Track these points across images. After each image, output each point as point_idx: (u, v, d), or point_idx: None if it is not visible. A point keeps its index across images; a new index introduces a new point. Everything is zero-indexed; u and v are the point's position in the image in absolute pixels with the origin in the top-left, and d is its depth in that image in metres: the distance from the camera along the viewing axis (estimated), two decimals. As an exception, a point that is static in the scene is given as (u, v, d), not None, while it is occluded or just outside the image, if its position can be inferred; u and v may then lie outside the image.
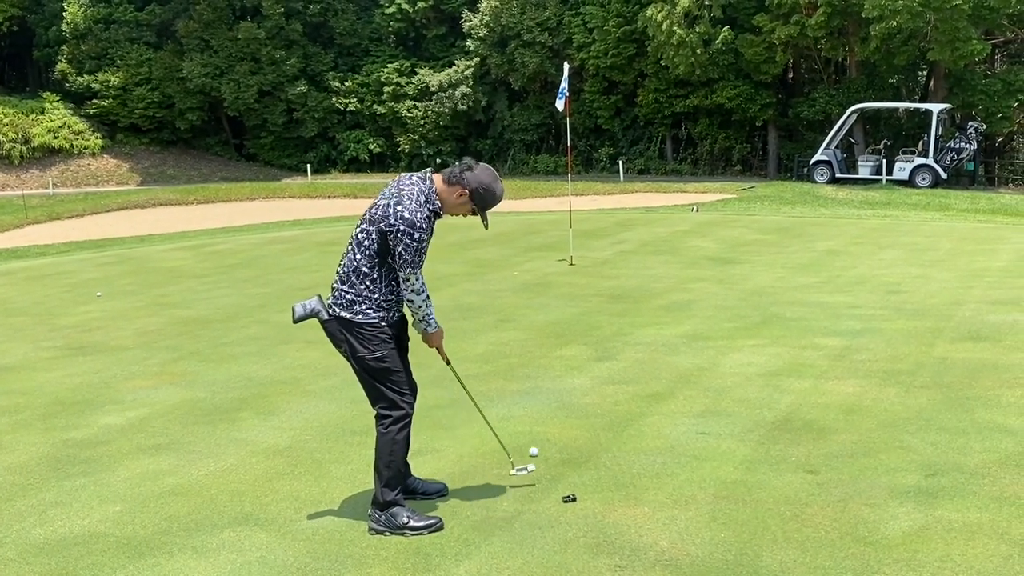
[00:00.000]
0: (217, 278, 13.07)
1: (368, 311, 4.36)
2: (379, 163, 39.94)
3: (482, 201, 4.40)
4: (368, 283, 4.35)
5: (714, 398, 6.56)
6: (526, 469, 5.14)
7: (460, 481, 5.11)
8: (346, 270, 4.40)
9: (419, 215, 4.25)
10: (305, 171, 38.33)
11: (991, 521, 4.45)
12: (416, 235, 4.23)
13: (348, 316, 4.36)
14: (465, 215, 4.48)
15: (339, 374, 7.28)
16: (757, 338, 8.40)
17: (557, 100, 14.09)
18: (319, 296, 4.52)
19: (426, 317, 4.48)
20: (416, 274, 4.32)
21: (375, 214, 4.33)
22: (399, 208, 4.25)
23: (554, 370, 7.45)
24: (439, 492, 4.91)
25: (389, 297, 4.40)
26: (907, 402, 6.34)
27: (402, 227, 4.23)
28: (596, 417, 6.19)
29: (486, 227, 4.51)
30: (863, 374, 7.07)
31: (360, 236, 4.37)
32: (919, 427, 5.82)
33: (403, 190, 4.32)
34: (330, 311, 4.42)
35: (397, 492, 4.53)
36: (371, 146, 39.78)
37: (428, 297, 4.46)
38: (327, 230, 18.85)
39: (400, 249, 4.25)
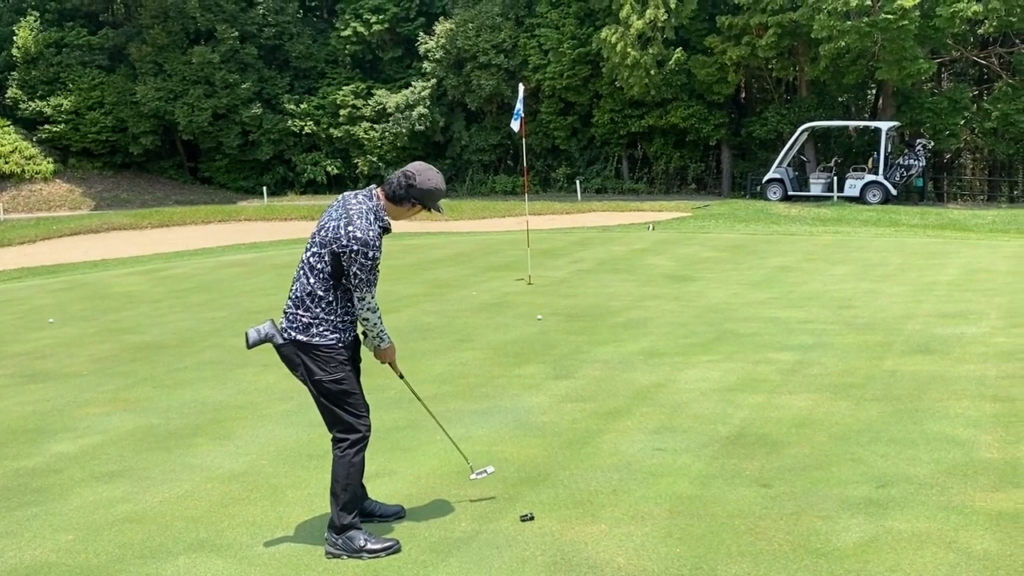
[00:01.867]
0: (172, 303, 12.92)
1: (325, 333, 4.36)
2: (337, 185, 39.83)
3: (433, 202, 4.45)
4: (324, 306, 4.35)
5: (670, 414, 6.63)
6: (485, 472, 5.18)
7: (417, 502, 5.10)
8: (299, 294, 4.39)
9: (371, 234, 4.27)
10: (261, 194, 38.09)
11: (939, 530, 4.54)
12: (370, 254, 4.25)
13: (305, 339, 4.36)
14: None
15: (295, 398, 7.24)
16: (712, 354, 8.50)
17: (512, 121, 14.20)
18: (272, 320, 4.51)
19: (380, 334, 4.51)
20: (372, 292, 4.35)
21: (325, 237, 4.33)
22: (351, 229, 4.26)
23: (512, 389, 7.48)
24: (396, 514, 4.89)
25: (345, 318, 4.41)
26: (858, 415, 6.46)
27: (356, 247, 4.24)
28: (554, 435, 6.23)
29: (442, 212, 4.55)
30: (815, 388, 7.19)
31: (312, 260, 4.37)
32: (869, 439, 5.92)
33: (351, 210, 4.33)
34: (285, 335, 4.41)
35: (354, 515, 4.51)
36: (328, 168, 39.67)
37: (380, 314, 4.49)
38: (284, 252, 18.73)
39: (355, 269, 4.27)
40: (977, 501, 4.88)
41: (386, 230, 4.38)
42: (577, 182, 35.03)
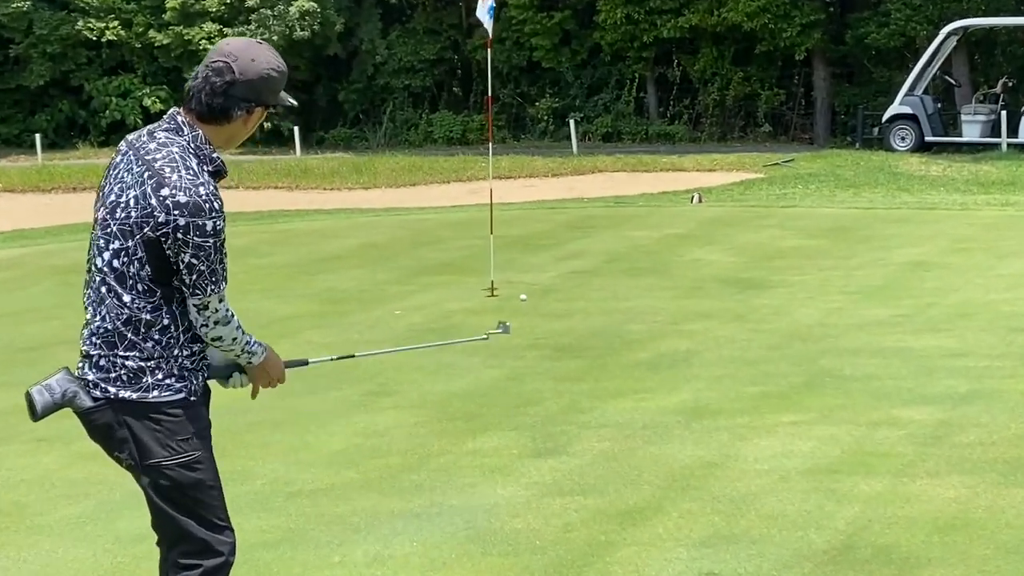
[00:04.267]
0: None
1: (168, 382, 4.28)
2: (162, 130, 39.71)
3: (274, 95, 4.43)
4: (158, 334, 4.26)
5: (729, 514, 6.64)
6: None
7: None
8: (113, 325, 4.27)
9: (203, 190, 4.18)
10: (32, 146, 37.84)
11: None
12: (209, 225, 4.15)
13: (135, 396, 4.28)
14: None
15: (93, 494, 7.19)
16: (799, 411, 8.54)
17: (483, 16, 13.84)
18: (67, 370, 4.40)
19: (247, 346, 4.46)
20: (222, 292, 4.30)
21: (127, 219, 4.22)
22: (166, 193, 4.16)
23: (464, 475, 7.47)
24: None
25: (193, 349, 4.35)
26: (1044, 511, 6.53)
27: (183, 220, 4.15)
28: (534, 552, 6.22)
29: (294, 105, 4.58)
30: (972, 467, 7.23)
31: (119, 264, 4.25)
32: (1063, 551, 5.99)
33: (156, 161, 4.22)
34: (97, 392, 4.33)
35: None
36: (146, 101, 39.48)
37: (239, 322, 4.43)
38: (71, 246, 18.59)
39: (189, 258, 4.18)
40: None
41: (219, 175, 4.33)
42: (571, 123, 35.09)
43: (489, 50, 15.65)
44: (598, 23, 36.44)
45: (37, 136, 38.04)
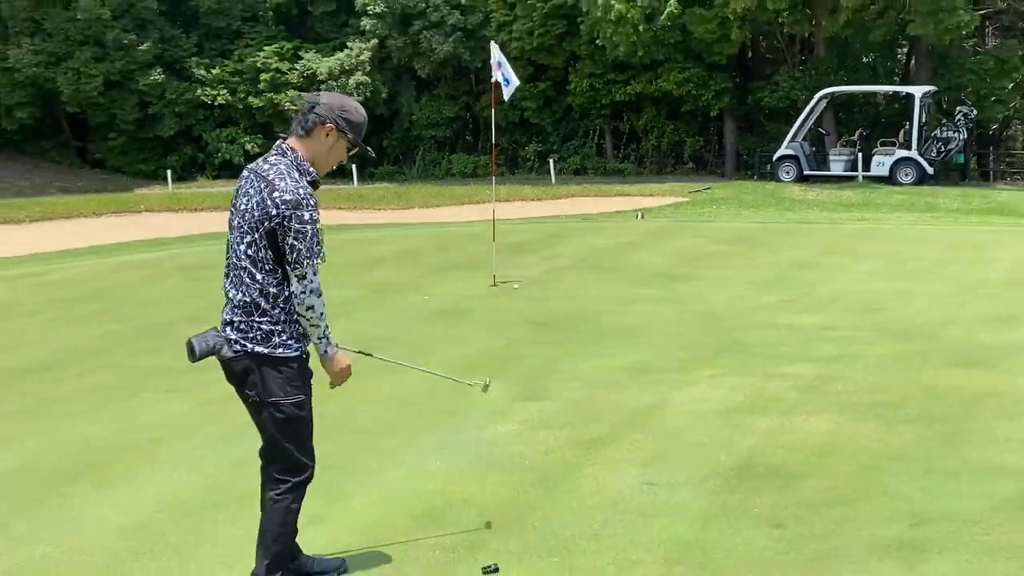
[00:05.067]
0: (53, 315, 12.75)
1: (289, 342, 4.39)
2: (258, 168, 39.72)
3: (351, 126, 4.50)
4: (282, 304, 4.37)
5: (664, 442, 6.65)
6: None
7: (358, 555, 5.07)
8: (250, 298, 4.35)
9: (301, 191, 4.31)
10: (165, 179, 37.81)
11: (987, 577, 4.59)
12: (306, 215, 4.29)
13: (266, 351, 4.35)
14: (343, 161, 4.64)
15: (199, 433, 7.16)
16: (714, 368, 8.56)
17: (503, 86, 13.86)
18: (216, 328, 4.47)
19: (326, 331, 4.46)
20: (315, 268, 4.35)
21: (252, 218, 4.31)
22: (276, 194, 4.28)
23: (473, 416, 7.46)
24: (338, 570, 4.88)
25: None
26: (890, 440, 6.53)
27: (287, 211, 4.25)
28: (523, 470, 6.23)
29: (372, 154, 4.71)
30: (839, 408, 7.26)
31: (251, 252, 4.34)
32: (904, 469, 5.99)
33: (269, 175, 4.35)
34: (237, 347, 4.37)
35: (282, 573, 4.51)
36: (247, 146, 39.46)
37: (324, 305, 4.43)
38: (194, 251, 18.59)
39: (291, 240, 4.27)
40: (1032, 541, 4.94)
41: (315, 184, 4.42)
42: (551, 161, 35.12)
43: (493, 110, 15.58)
44: (570, 90, 36.60)
45: (168, 171, 38.04)
